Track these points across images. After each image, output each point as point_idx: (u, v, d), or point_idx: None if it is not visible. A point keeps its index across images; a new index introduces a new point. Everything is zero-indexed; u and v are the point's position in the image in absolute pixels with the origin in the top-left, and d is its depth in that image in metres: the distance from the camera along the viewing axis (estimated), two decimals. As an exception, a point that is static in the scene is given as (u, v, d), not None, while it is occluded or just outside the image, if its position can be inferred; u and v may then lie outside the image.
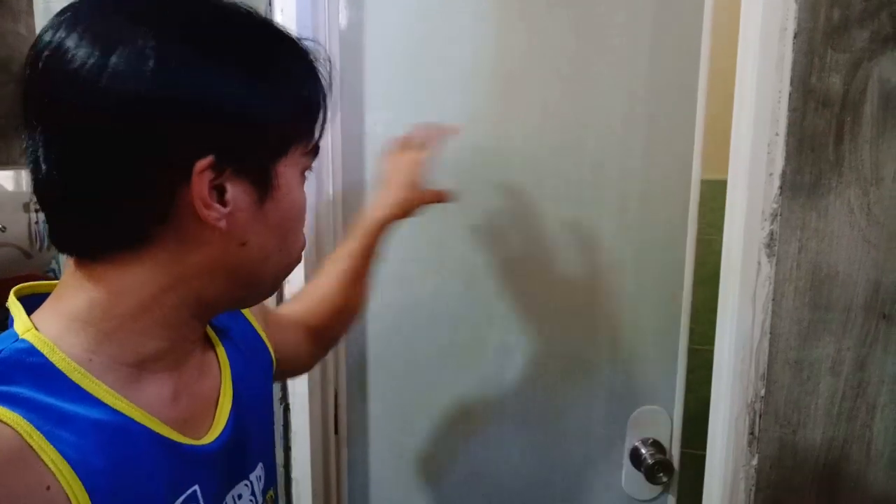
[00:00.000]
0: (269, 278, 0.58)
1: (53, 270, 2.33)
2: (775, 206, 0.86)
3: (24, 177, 2.31)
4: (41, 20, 1.08)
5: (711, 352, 0.95)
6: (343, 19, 1.10)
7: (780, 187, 0.85)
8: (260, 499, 0.64)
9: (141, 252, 0.50)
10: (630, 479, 1.15)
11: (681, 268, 1.10)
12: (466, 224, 1.13)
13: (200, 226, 0.49)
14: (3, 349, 0.47)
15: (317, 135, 0.58)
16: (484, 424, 1.17)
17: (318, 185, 1.08)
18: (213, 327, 0.65)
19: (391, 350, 1.17)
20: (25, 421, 0.43)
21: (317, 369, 1.09)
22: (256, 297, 0.61)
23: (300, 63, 0.56)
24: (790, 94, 0.83)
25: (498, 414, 1.17)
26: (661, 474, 1.11)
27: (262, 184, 0.52)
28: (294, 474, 1.10)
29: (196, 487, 0.54)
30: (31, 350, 0.47)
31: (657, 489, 1.15)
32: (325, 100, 0.58)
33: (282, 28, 0.55)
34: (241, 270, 0.54)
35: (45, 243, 2.32)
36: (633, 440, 1.15)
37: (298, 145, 0.56)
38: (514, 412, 1.16)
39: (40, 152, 0.47)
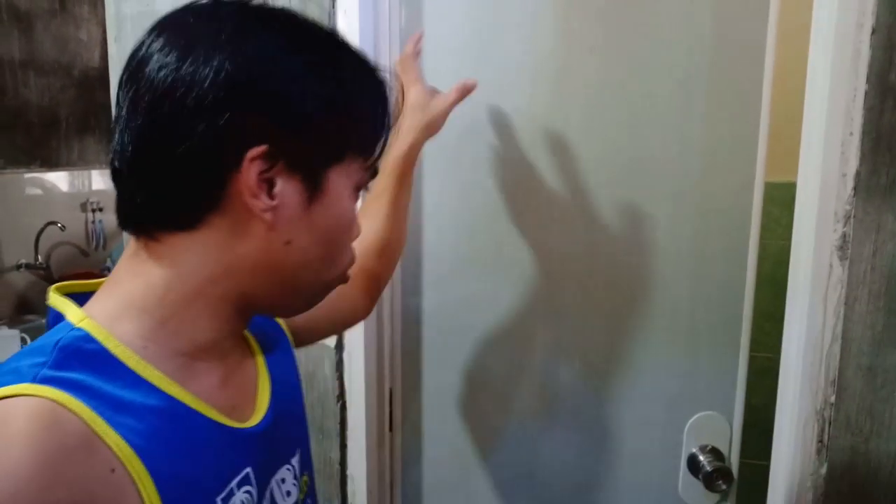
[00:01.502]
0: (308, 288, 0.59)
1: (108, 269, 2.40)
2: (848, 207, 0.83)
3: (80, 178, 2.39)
4: (112, 22, 1.12)
5: (766, 358, 0.93)
6: (403, 21, 1.12)
7: (854, 188, 0.83)
8: (298, 483, 0.66)
9: (194, 235, 0.52)
10: (687, 487, 1.13)
11: (740, 272, 1.08)
12: (521, 223, 1.12)
13: (249, 217, 0.51)
14: (61, 338, 0.48)
15: (376, 153, 0.59)
16: (538, 426, 1.16)
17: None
18: None
19: (445, 348, 1.17)
20: (88, 407, 0.45)
21: (372, 366, 1.10)
22: (293, 306, 0.62)
23: (368, 79, 0.58)
24: (866, 92, 0.81)
25: (552, 415, 1.16)
26: (721, 482, 1.08)
27: (313, 185, 0.53)
28: (349, 471, 1.11)
29: (249, 469, 0.55)
30: (88, 338, 0.49)
31: (715, 497, 1.12)
32: (388, 123, 0.60)
33: (355, 47, 0.58)
34: (282, 271, 0.55)
35: (101, 242, 2.40)
36: (690, 447, 1.13)
37: (356, 157, 0.57)
38: (568, 414, 1.15)
39: (120, 127, 0.52)
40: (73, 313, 0.51)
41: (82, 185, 2.54)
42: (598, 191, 1.10)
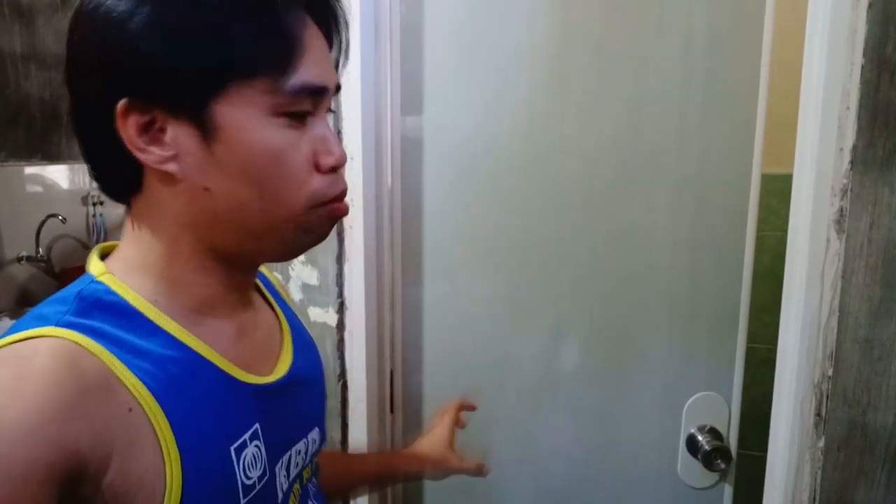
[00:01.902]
0: (270, 228, 0.53)
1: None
2: (845, 181, 0.84)
3: (80, 171, 2.39)
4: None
5: (766, 349, 0.93)
6: (405, 11, 1.12)
7: (851, 162, 0.83)
8: (309, 459, 0.66)
9: (145, 197, 0.53)
10: (686, 467, 1.13)
11: (739, 259, 1.09)
12: (522, 214, 1.13)
13: (165, 172, 0.51)
14: (82, 289, 0.51)
15: (286, 69, 0.50)
16: (538, 408, 1.17)
17: (377, 180, 1.10)
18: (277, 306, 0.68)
19: (446, 332, 1.17)
20: (107, 350, 0.47)
21: (373, 347, 1.11)
22: (274, 250, 0.56)
23: None
24: (863, 67, 0.81)
25: (552, 398, 1.16)
26: (719, 461, 1.09)
27: (202, 125, 0.49)
28: (350, 451, 1.11)
29: (257, 425, 0.56)
30: (108, 290, 0.51)
31: (714, 477, 1.13)
32: (286, 31, 0.50)
33: None
34: (223, 218, 0.52)
35: (102, 235, 2.40)
36: (689, 427, 1.13)
37: (253, 81, 0.49)
38: (569, 397, 1.16)
39: None
40: (95, 267, 0.53)
41: (83, 179, 2.54)
42: (596, 181, 1.11)
